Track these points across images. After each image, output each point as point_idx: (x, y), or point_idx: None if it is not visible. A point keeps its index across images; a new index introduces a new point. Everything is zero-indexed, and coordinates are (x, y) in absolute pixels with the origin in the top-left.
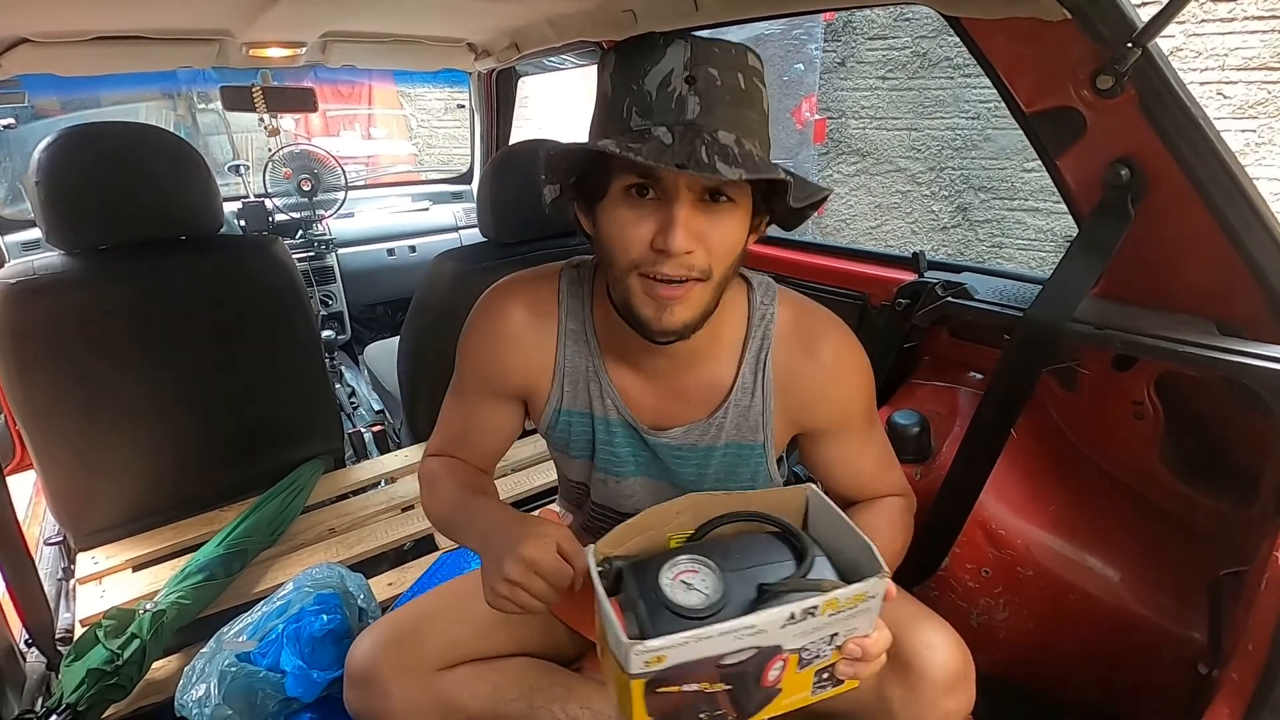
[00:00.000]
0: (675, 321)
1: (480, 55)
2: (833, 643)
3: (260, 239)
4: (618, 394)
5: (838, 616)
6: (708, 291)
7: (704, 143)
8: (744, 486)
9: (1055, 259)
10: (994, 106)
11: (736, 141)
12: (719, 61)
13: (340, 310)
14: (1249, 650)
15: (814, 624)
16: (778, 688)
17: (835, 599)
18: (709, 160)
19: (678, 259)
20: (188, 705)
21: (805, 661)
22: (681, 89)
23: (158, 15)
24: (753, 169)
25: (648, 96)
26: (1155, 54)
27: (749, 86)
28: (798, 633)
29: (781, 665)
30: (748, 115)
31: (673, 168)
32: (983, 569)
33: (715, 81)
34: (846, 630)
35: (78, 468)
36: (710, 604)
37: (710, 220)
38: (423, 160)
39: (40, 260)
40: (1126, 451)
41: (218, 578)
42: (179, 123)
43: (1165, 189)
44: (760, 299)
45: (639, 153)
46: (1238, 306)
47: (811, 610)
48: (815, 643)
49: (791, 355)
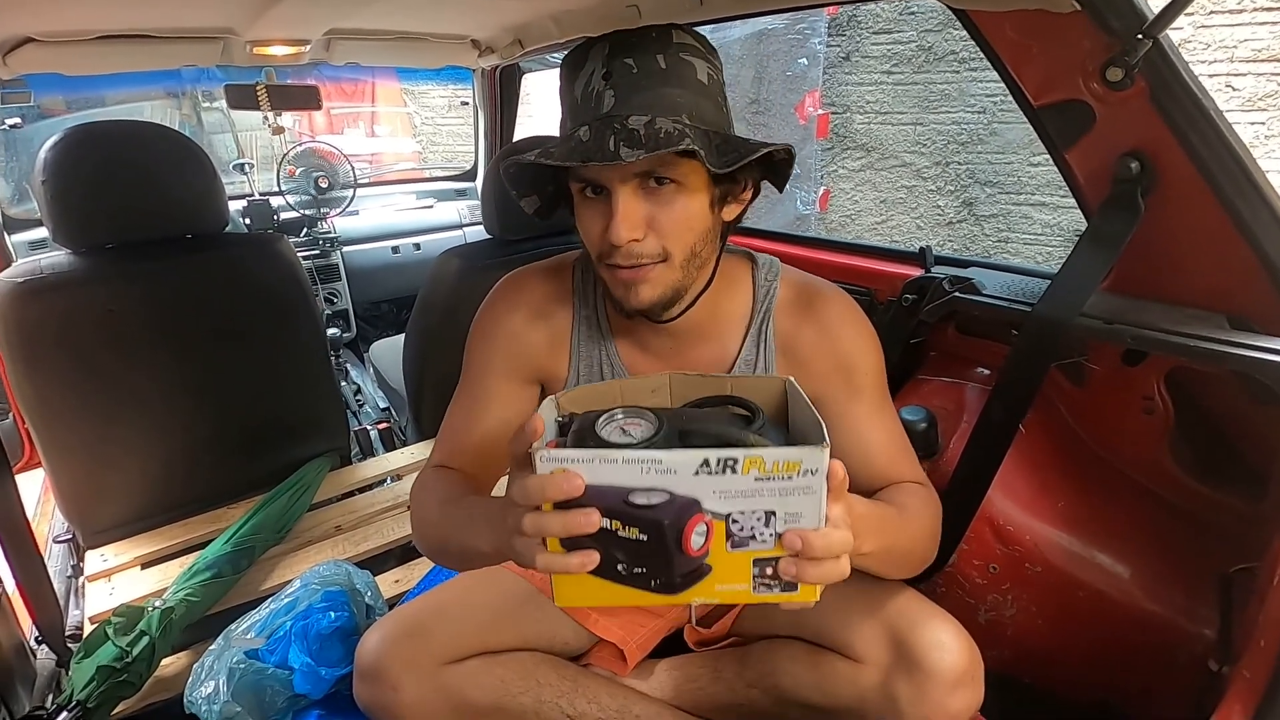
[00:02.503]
0: (642, 300)
1: (484, 52)
2: (770, 525)
3: (265, 237)
4: (625, 369)
5: (769, 486)
6: (672, 271)
7: (613, 132)
8: None
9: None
10: (1000, 100)
11: (648, 123)
12: (635, 50)
13: (345, 308)
14: (1260, 647)
15: (738, 485)
16: (705, 562)
17: (759, 457)
18: (614, 149)
19: (625, 248)
20: (197, 702)
21: (737, 540)
22: (598, 86)
23: (162, 14)
24: (654, 145)
25: (575, 102)
26: (1166, 46)
27: (672, 64)
28: (718, 491)
29: (705, 530)
30: (668, 93)
31: (576, 163)
32: (990, 565)
33: (630, 71)
34: (786, 513)
35: (86, 466)
36: (632, 442)
37: (656, 205)
38: (427, 157)
39: (47, 259)
40: (1136, 447)
41: (225, 575)
42: (184, 121)
43: (1176, 182)
44: (764, 276)
45: (550, 155)
46: (1249, 300)
47: (730, 463)
48: (746, 515)
49: (793, 321)
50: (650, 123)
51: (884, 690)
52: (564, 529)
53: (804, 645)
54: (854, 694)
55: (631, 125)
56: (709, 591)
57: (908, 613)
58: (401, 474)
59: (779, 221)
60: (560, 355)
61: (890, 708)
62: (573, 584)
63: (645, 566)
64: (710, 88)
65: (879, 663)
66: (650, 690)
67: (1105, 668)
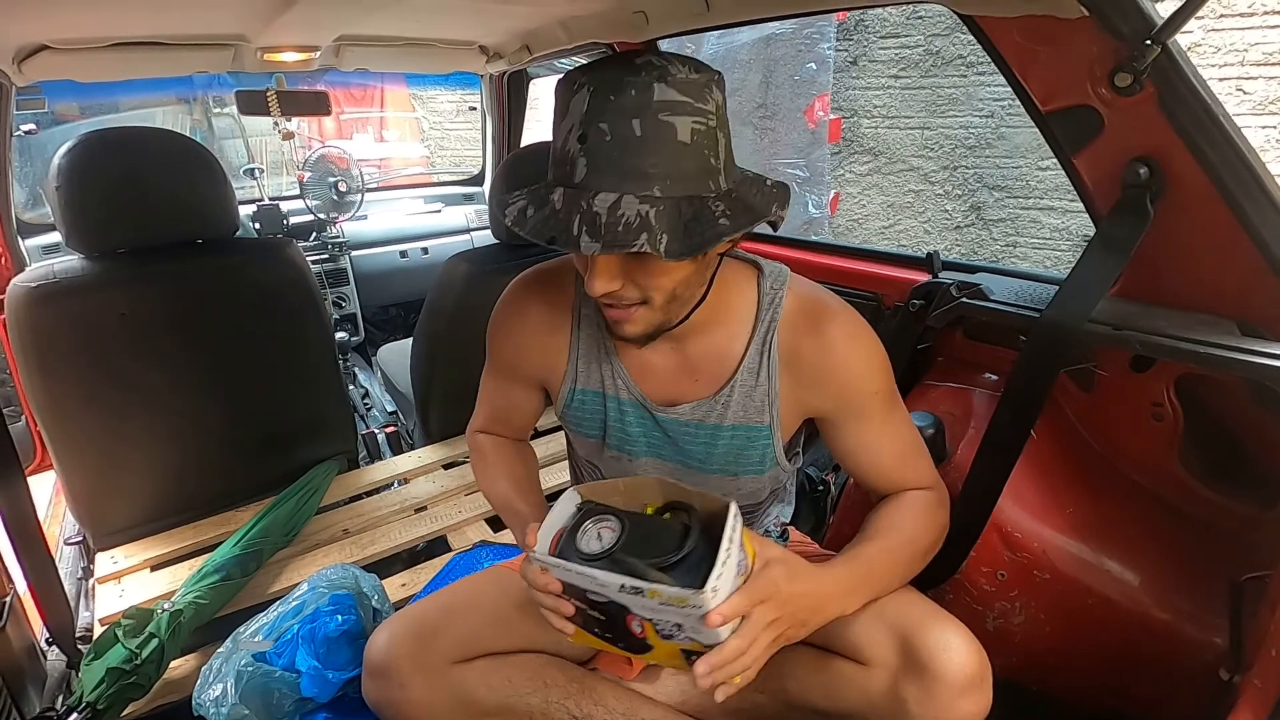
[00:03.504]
0: (626, 335)
1: (492, 58)
2: (684, 632)
3: (275, 242)
4: (627, 373)
5: (675, 611)
6: (654, 313)
7: (579, 211)
8: (752, 469)
9: (1071, 258)
10: (1008, 104)
11: (612, 205)
12: (612, 112)
13: (354, 312)
14: (1272, 656)
15: (650, 606)
16: (647, 641)
17: (658, 590)
18: (576, 234)
19: (603, 296)
20: (205, 704)
21: (665, 634)
22: (574, 149)
23: (175, 21)
24: (610, 242)
25: (557, 152)
26: (1175, 51)
27: (649, 129)
28: (639, 605)
29: (639, 624)
30: (640, 165)
31: (543, 243)
32: (999, 572)
33: (604, 137)
34: (691, 629)
35: (97, 469)
36: (593, 554)
37: (631, 263)
38: (435, 162)
39: (60, 264)
40: (1145, 454)
41: (234, 578)
42: (195, 127)
43: (1185, 187)
44: (770, 285)
45: (525, 227)
46: (1259, 306)
47: (637, 590)
48: (665, 623)
49: (797, 335)
50: (615, 205)
51: (892, 694)
52: (547, 609)
53: (811, 649)
54: (862, 698)
55: (596, 208)
56: (659, 659)
57: (915, 616)
58: (409, 478)
59: (790, 224)
60: (559, 359)
61: (898, 711)
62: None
63: (612, 634)
64: (694, 144)
65: (887, 666)
66: (657, 694)
67: (1114, 676)
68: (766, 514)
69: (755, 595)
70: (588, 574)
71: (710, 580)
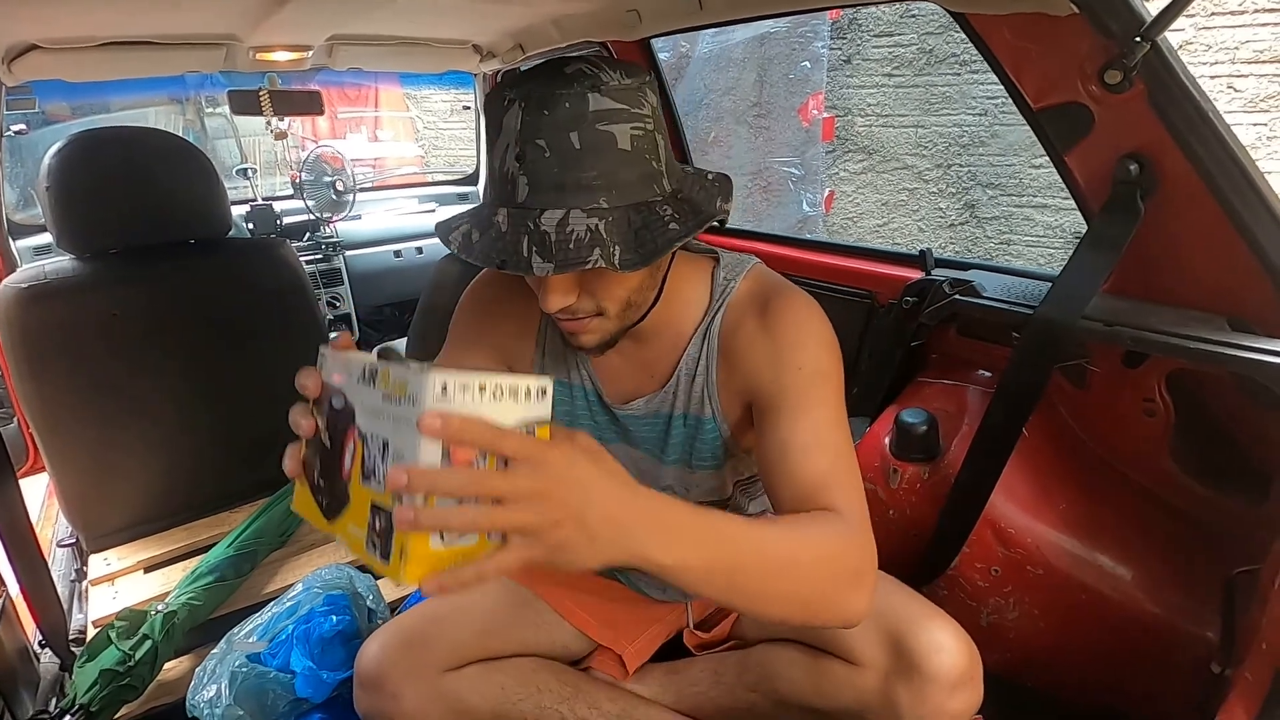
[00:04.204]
0: (587, 345)
1: (485, 57)
2: (385, 461)
3: (268, 242)
4: (590, 366)
5: (391, 410)
6: (609, 322)
7: (527, 231)
8: (705, 463)
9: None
10: (1001, 103)
11: (559, 222)
12: (548, 127)
13: (348, 312)
14: (1263, 649)
15: (375, 403)
16: (348, 488)
17: (387, 370)
18: (526, 256)
19: (558, 312)
20: (199, 706)
21: (365, 470)
22: (513, 168)
23: (166, 20)
24: (563, 260)
25: (494, 173)
26: (1164, 48)
27: (588, 140)
28: (364, 405)
29: (352, 451)
30: (583, 178)
31: (495, 267)
32: (992, 568)
33: (543, 154)
34: (397, 443)
35: (90, 470)
36: None
37: (588, 274)
38: (429, 162)
39: (51, 264)
40: (1137, 449)
41: (228, 579)
42: (187, 127)
43: (1175, 184)
44: (724, 275)
45: (472, 254)
46: (1249, 302)
47: (373, 371)
48: (373, 440)
49: (740, 319)
50: (563, 222)
51: (883, 693)
52: (291, 419)
53: (803, 649)
54: (853, 697)
55: (544, 226)
56: (344, 529)
57: (906, 615)
58: None
59: (785, 222)
60: (527, 343)
61: (889, 710)
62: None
63: (325, 478)
64: (635, 150)
65: (878, 666)
66: (651, 695)
67: (1107, 670)
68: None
69: (515, 443)
70: (341, 356)
71: (448, 373)
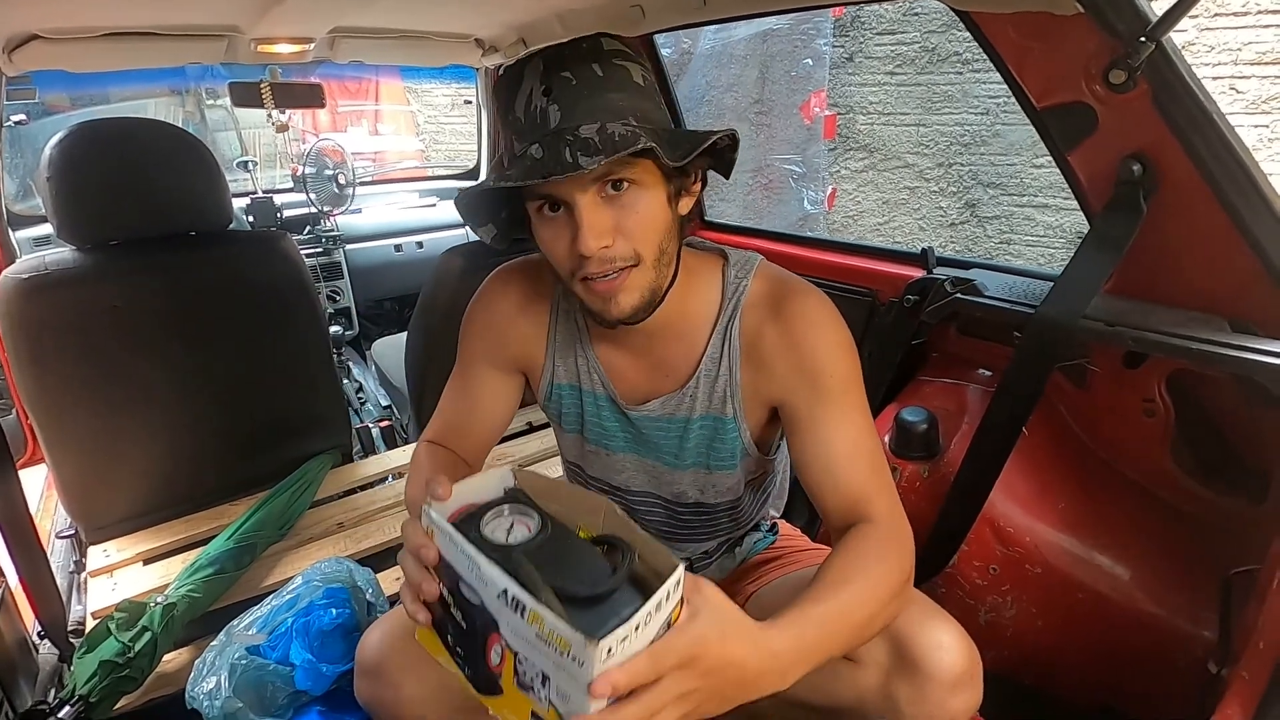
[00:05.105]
0: (623, 309)
1: (487, 51)
2: (546, 689)
3: (269, 235)
4: (602, 369)
5: (546, 649)
6: (645, 273)
7: (567, 144)
8: (725, 464)
9: (1064, 256)
10: (1003, 102)
11: (599, 129)
12: (571, 62)
13: (348, 306)
14: (1259, 649)
15: (524, 630)
16: (499, 681)
17: (541, 616)
18: (572, 159)
19: (597, 257)
20: (199, 697)
21: (522, 681)
22: (541, 103)
23: (168, 11)
24: (611, 149)
25: (519, 122)
26: (1169, 48)
27: (608, 70)
28: (509, 625)
29: (500, 652)
30: (611, 98)
31: (538, 181)
32: (991, 566)
33: (570, 83)
34: (558, 685)
35: (89, 461)
36: (495, 542)
37: (619, 209)
38: (430, 156)
39: (51, 255)
40: (1137, 449)
41: (228, 571)
42: (187, 119)
43: (1178, 184)
44: (734, 273)
45: (509, 178)
46: (1250, 303)
47: (520, 605)
48: (528, 663)
49: (759, 321)
50: (601, 129)
51: (884, 691)
52: (410, 580)
53: None
54: (854, 695)
55: (584, 134)
56: (501, 710)
57: (907, 614)
58: (403, 472)
59: (786, 219)
60: (538, 348)
61: (889, 708)
62: (426, 632)
63: (464, 651)
64: (647, 89)
65: (879, 664)
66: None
67: (1105, 669)
68: (749, 509)
69: (670, 657)
70: (474, 557)
71: (611, 635)
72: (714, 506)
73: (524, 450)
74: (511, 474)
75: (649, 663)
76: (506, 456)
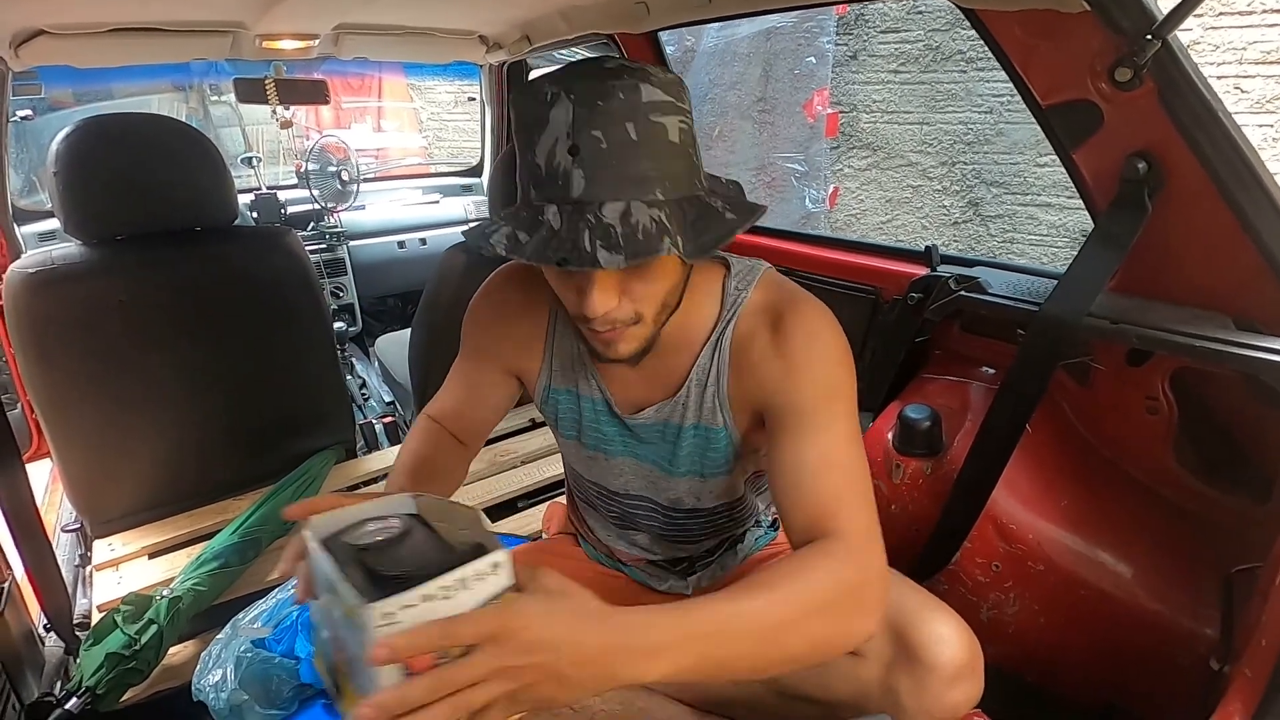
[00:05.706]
0: (621, 354)
1: (491, 48)
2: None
3: (273, 231)
4: (600, 376)
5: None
6: (645, 328)
7: (588, 226)
8: (718, 471)
9: (1067, 255)
10: (1007, 100)
11: (623, 214)
12: (603, 118)
13: (351, 302)
14: (1262, 646)
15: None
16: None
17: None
18: (590, 250)
19: (601, 318)
20: (204, 689)
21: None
22: (565, 162)
23: (173, 7)
24: (634, 251)
25: (539, 170)
26: (1175, 46)
27: (644, 131)
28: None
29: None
30: (641, 167)
31: (554, 265)
32: (993, 563)
33: (599, 145)
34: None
35: (94, 456)
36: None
37: (630, 275)
38: (433, 153)
39: (58, 250)
40: (1140, 447)
41: (232, 565)
42: (191, 115)
43: (1183, 183)
44: (735, 284)
45: (524, 253)
46: (1254, 301)
47: (331, 585)
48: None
49: (752, 330)
50: (626, 215)
51: (884, 684)
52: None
53: None
54: (854, 688)
55: (607, 219)
56: (346, 710)
57: (908, 607)
58: None
59: (788, 218)
60: (535, 352)
61: (890, 701)
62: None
63: (326, 659)
64: (682, 143)
65: (879, 657)
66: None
67: (1107, 666)
68: (750, 504)
69: (470, 627)
70: (314, 554)
71: (390, 599)
72: (713, 509)
73: (527, 446)
74: (412, 499)
75: (440, 629)
76: (510, 453)
